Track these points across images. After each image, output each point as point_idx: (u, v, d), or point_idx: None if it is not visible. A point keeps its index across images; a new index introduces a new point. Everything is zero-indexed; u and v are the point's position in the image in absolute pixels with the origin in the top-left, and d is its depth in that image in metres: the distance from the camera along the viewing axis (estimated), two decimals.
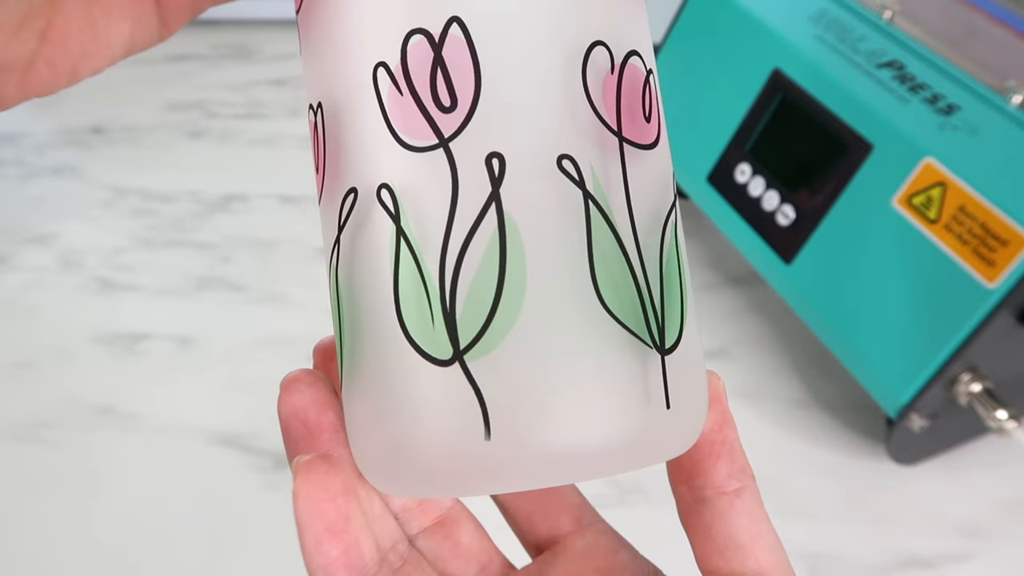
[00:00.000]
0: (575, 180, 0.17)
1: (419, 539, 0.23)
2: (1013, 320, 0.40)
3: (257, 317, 0.56)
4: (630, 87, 0.19)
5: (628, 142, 0.18)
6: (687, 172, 0.55)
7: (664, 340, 0.18)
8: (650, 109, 0.19)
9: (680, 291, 0.19)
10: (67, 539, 0.43)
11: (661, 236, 0.19)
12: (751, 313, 0.56)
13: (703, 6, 0.55)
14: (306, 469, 0.18)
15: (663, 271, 0.18)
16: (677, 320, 0.18)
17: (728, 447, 0.20)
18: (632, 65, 0.19)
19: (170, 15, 0.21)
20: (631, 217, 0.18)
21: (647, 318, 0.18)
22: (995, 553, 0.43)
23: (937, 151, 0.42)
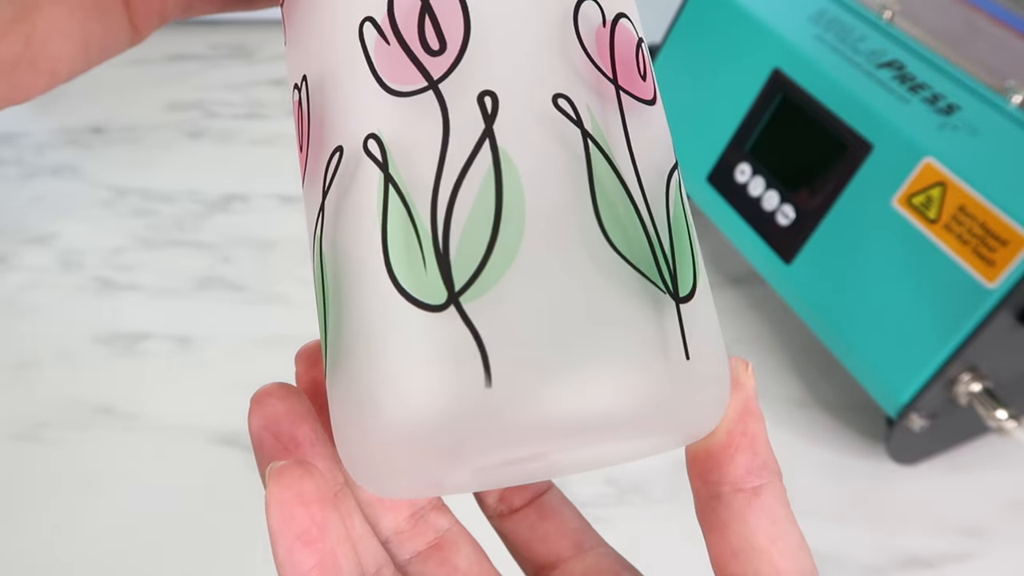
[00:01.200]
0: (572, 119, 0.17)
1: (413, 564, 0.22)
2: (1013, 320, 0.40)
3: (257, 317, 0.56)
4: (623, 42, 0.19)
5: (626, 92, 0.18)
6: (687, 172, 0.55)
7: (678, 288, 0.17)
8: (645, 70, 0.19)
9: (691, 247, 0.18)
10: (67, 539, 0.43)
11: (666, 189, 0.18)
12: (751, 313, 0.56)
13: (703, 6, 0.55)
14: (279, 474, 0.17)
15: (671, 221, 0.17)
16: (690, 272, 0.17)
17: (750, 440, 0.19)
18: (623, 25, 0.19)
19: (140, 21, 0.21)
20: (634, 164, 0.17)
21: (657, 261, 0.17)
22: (995, 553, 0.43)
23: (937, 151, 0.42)
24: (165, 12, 0.21)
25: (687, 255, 0.18)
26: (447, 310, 0.15)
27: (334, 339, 0.17)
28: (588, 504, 0.42)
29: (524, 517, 0.23)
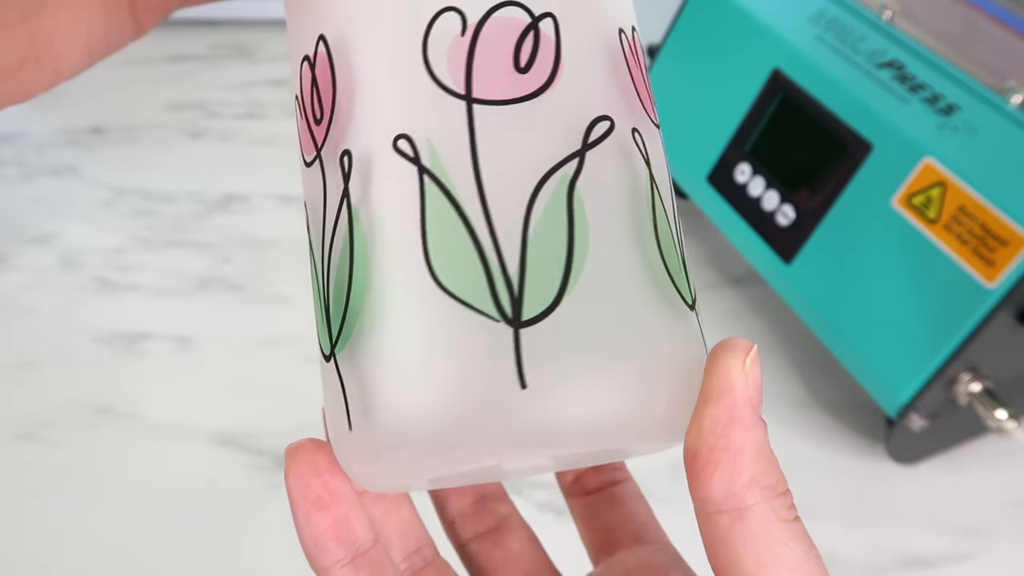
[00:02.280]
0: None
1: (473, 543, 0.24)
2: (1013, 320, 0.40)
3: (257, 317, 0.56)
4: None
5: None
6: (687, 172, 0.55)
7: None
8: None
9: None
10: (67, 539, 0.43)
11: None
12: (751, 313, 0.56)
13: (703, 6, 0.55)
14: (294, 450, 0.19)
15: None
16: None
17: (732, 455, 0.16)
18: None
19: (143, 15, 0.21)
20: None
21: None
22: (995, 553, 0.43)
23: (937, 151, 0.42)
24: (167, 5, 0.22)
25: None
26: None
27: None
28: None
29: (594, 501, 0.25)
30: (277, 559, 0.43)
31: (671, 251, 0.18)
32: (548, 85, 0.17)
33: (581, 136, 0.17)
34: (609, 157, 0.17)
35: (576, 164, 0.17)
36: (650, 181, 0.18)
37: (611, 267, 0.17)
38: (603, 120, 0.17)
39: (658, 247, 0.17)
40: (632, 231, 0.17)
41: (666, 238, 0.18)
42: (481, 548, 0.24)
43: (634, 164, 0.18)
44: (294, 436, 0.20)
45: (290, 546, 0.46)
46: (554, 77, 0.17)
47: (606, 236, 0.17)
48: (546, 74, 0.17)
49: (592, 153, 0.17)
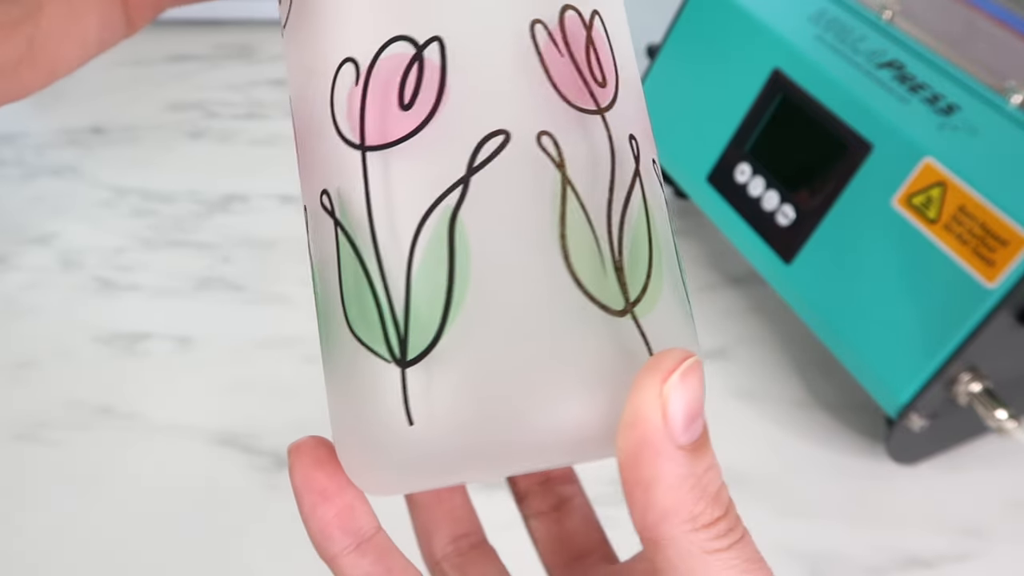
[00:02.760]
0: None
1: (532, 519, 0.26)
2: (1013, 320, 0.40)
3: (257, 317, 0.56)
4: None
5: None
6: (687, 172, 0.55)
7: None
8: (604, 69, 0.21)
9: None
10: (67, 539, 0.43)
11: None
12: (751, 313, 0.56)
13: (703, 6, 0.55)
14: (298, 446, 0.19)
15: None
16: None
17: (643, 489, 0.15)
18: None
19: (135, 13, 0.21)
20: None
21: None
22: (995, 553, 0.43)
23: (937, 151, 0.42)
24: (159, 3, 0.22)
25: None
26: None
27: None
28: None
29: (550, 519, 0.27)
30: (277, 559, 0.43)
31: (587, 256, 0.17)
32: (431, 116, 0.17)
33: (467, 160, 0.17)
34: (504, 173, 0.17)
35: (459, 192, 0.17)
36: (562, 184, 0.17)
37: (496, 294, 0.16)
38: (495, 135, 0.17)
39: (564, 256, 0.17)
40: (528, 247, 0.17)
41: (581, 242, 0.17)
42: (540, 524, 0.25)
43: (539, 172, 0.17)
44: (294, 436, 0.20)
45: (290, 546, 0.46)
46: (438, 105, 0.17)
47: (491, 261, 0.16)
48: (430, 104, 0.17)
49: (480, 176, 0.17)
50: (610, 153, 0.18)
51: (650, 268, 0.18)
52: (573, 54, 0.18)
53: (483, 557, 0.24)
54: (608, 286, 0.17)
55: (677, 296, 0.18)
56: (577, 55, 0.18)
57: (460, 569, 0.24)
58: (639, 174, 0.18)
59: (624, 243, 0.17)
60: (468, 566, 0.24)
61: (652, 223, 0.18)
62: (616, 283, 0.17)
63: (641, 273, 0.17)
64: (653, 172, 0.19)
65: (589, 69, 0.18)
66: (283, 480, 0.46)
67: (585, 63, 0.18)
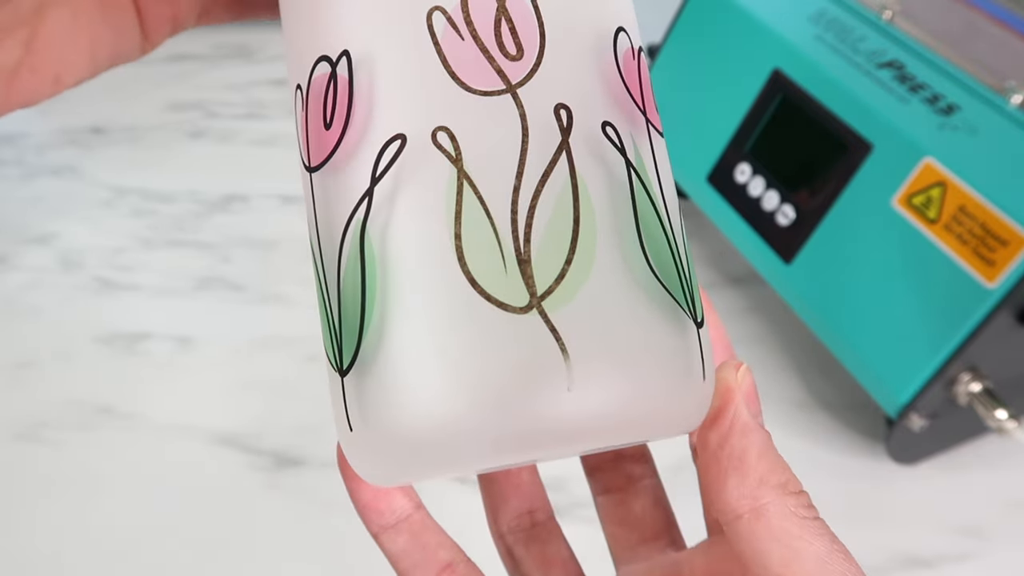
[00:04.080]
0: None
1: (600, 496, 0.25)
2: (1013, 320, 0.40)
3: (257, 317, 0.56)
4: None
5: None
6: (687, 172, 0.55)
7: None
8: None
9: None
10: (67, 539, 0.44)
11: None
12: (751, 313, 0.56)
13: (703, 6, 0.55)
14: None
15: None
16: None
17: (737, 460, 0.17)
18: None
19: (151, 28, 0.21)
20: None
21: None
22: (995, 553, 0.43)
23: (937, 151, 0.42)
24: (178, 19, 0.22)
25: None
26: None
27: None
28: None
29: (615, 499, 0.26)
30: (277, 559, 0.43)
31: (484, 253, 0.17)
32: (344, 132, 0.17)
33: (370, 172, 0.17)
34: (403, 178, 0.17)
35: (365, 205, 0.17)
36: (458, 181, 0.16)
37: (402, 301, 0.17)
38: (393, 141, 0.17)
39: (458, 256, 0.16)
40: (428, 251, 0.16)
41: (478, 240, 0.17)
42: (605, 501, 0.25)
43: (435, 171, 0.17)
44: (294, 436, 0.20)
45: (290, 546, 0.46)
46: (348, 120, 0.17)
47: (397, 270, 0.17)
48: (342, 121, 0.17)
49: (381, 185, 0.17)
50: (521, 133, 0.17)
51: (572, 253, 0.16)
52: (476, 33, 0.17)
53: (548, 534, 0.25)
54: (509, 282, 0.16)
55: (629, 271, 0.17)
56: (482, 33, 0.17)
57: (524, 544, 0.24)
58: (567, 147, 0.17)
59: (533, 232, 0.16)
60: (532, 541, 0.24)
61: (582, 199, 0.17)
62: (519, 277, 0.16)
63: (558, 260, 0.16)
64: (603, 140, 0.18)
65: (498, 44, 0.17)
66: (283, 480, 0.46)
67: (493, 39, 0.17)
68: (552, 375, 0.16)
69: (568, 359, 0.16)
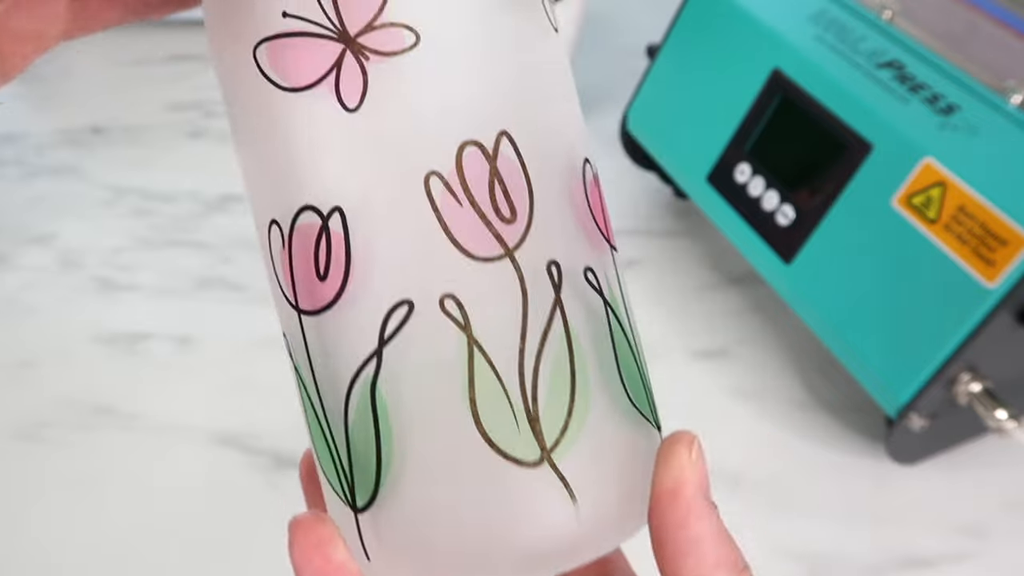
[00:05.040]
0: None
1: None
2: (1013, 320, 0.40)
3: (257, 317, 0.56)
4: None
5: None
6: (687, 172, 0.55)
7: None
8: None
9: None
10: (67, 539, 0.43)
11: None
12: (751, 313, 0.56)
13: (703, 6, 0.55)
14: (298, 523, 0.19)
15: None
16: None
17: (694, 544, 0.18)
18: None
19: (10, 64, 0.19)
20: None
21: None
22: (995, 553, 0.43)
23: (937, 151, 0.42)
24: (42, 47, 0.19)
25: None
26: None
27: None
28: None
29: None
30: (277, 559, 0.43)
31: (499, 415, 0.17)
32: (343, 289, 0.17)
33: (377, 333, 0.17)
34: (412, 342, 0.17)
35: (375, 364, 0.17)
36: (468, 348, 0.17)
37: (419, 455, 0.17)
38: (400, 307, 0.17)
39: (475, 420, 0.17)
40: (442, 413, 0.17)
41: (492, 403, 0.17)
42: None
43: (444, 338, 0.17)
44: (294, 436, 0.20)
45: None
46: (347, 278, 0.17)
47: (412, 428, 0.17)
48: (340, 277, 0.17)
49: (391, 347, 0.17)
50: (521, 296, 0.17)
51: (571, 403, 0.18)
52: (473, 198, 0.17)
53: None
54: (522, 440, 0.17)
55: (615, 407, 0.18)
56: (479, 198, 0.17)
57: None
58: (560, 303, 0.18)
59: (540, 390, 0.17)
60: None
61: (576, 353, 0.18)
62: (531, 434, 0.17)
63: (561, 412, 0.18)
64: (586, 286, 0.18)
65: (494, 208, 0.17)
66: (283, 480, 0.46)
67: (489, 203, 0.17)
68: (562, 518, 0.17)
69: (576, 502, 0.17)
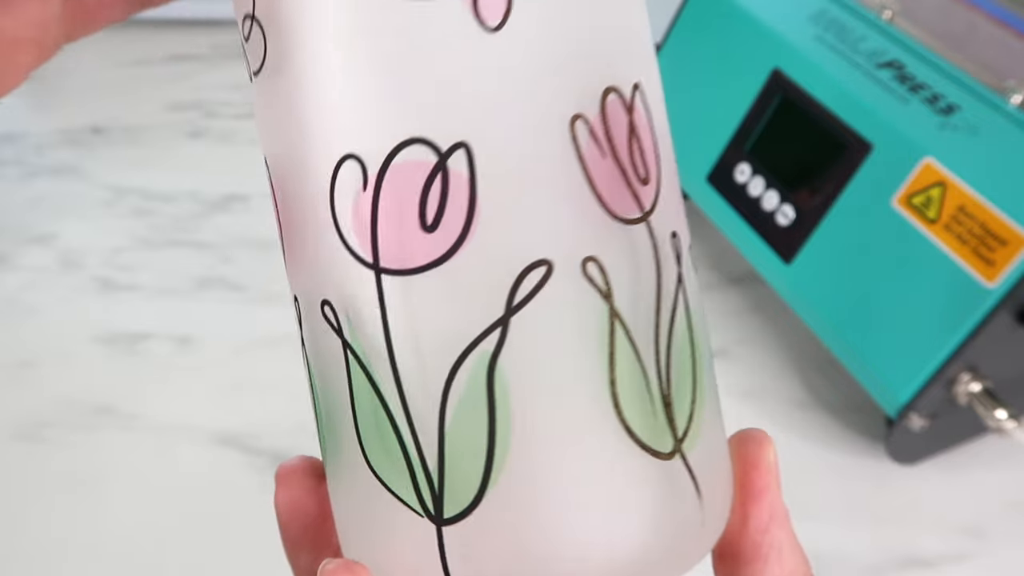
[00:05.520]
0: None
1: None
2: (1013, 320, 0.40)
3: (257, 317, 0.56)
4: None
5: None
6: (687, 172, 0.55)
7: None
8: None
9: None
10: (67, 539, 0.43)
11: None
12: (751, 313, 0.56)
13: (703, 6, 0.55)
14: (287, 473, 0.18)
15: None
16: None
17: (776, 551, 0.17)
18: None
19: (7, 79, 0.19)
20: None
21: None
22: (995, 553, 0.43)
23: (937, 151, 0.42)
24: (43, 56, 0.19)
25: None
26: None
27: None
28: None
29: None
30: (277, 559, 0.43)
31: (637, 399, 0.15)
32: (461, 242, 0.14)
33: (505, 298, 0.14)
34: (546, 311, 0.14)
35: (498, 336, 0.14)
36: (610, 320, 0.15)
37: (541, 449, 0.15)
38: (537, 267, 0.14)
39: (613, 400, 0.15)
40: (576, 397, 0.15)
41: (632, 384, 0.15)
42: None
43: (584, 307, 0.15)
44: (293, 436, 0.20)
45: None
46: (468, 229, 0.14)
47: (536, 414, 0.14)
48: (459, 228, 0.14)
49: (519, 316, 0.14)
50: (655, 266, 0.15)
51: (695, 389, 0.16)
52: (616, 151, 0.15)
53: None
54: (657, 427, 0.15)
55: (714, 397, 0.17)
56: (620, 151, 0.15)
57: None
58: (682, 279, 0.16)
59: (672, 371, 0.15)
60: None
61: (694, 330, 0.16)
62: (665, 421, 0.15)
63: (687, 398, 0.16)
64: (691, 263, 0.17)
65: (632, 166, 0.15)
66: None
67: (628, 159, 0.15)
68: (691, 517, 0.16)
69: (702, 499, 0.16)
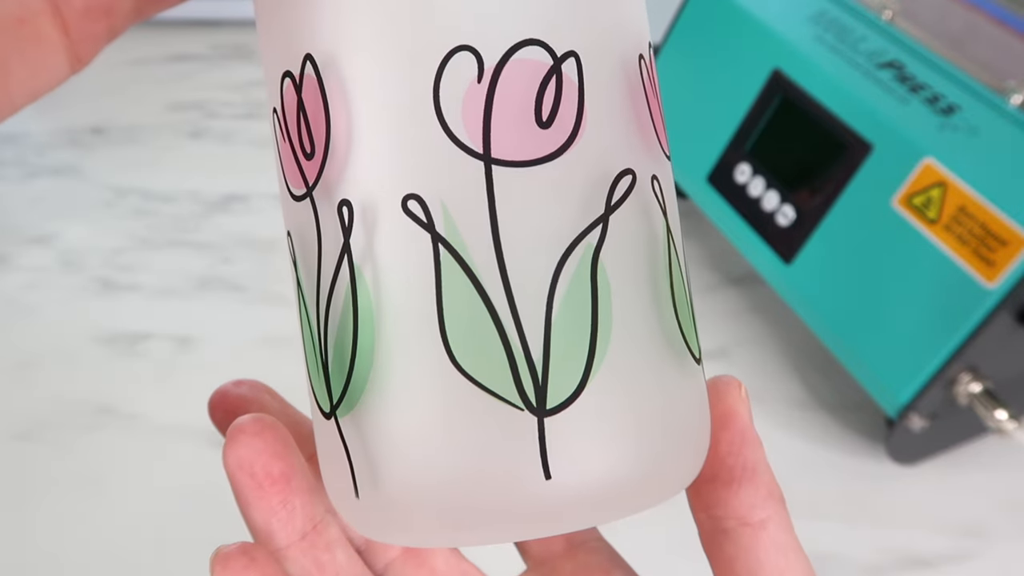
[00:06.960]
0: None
1: (390, 570, 0.22)
2: (1013, 320, 0.40)
3: (257, 317, 0.56)
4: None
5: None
6: (687, 172, 0.55)
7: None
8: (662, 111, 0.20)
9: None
10: (67, 539, 0.43)
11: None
12: (751, 313, 0.56)
13: (703, 6, 0.55)
14: (223, 562, 0.18)
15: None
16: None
17: (751, 471, 0.18)
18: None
19: (83, 47, 0.18)
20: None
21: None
22: (995, 553, 0.43)
23: (937, 151, 0.42)
24: (114, 27, 0.19)
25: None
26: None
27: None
28: None
29: None
30: None
31: (684, 307, 0.17)
32: (572, 140, 0.15)
33: (604, 197, 0.15)
34: (631, 216, 0.16)
35: (600, 231, 0.15)
36: (667, 234, 0.16)
37: (633, 343, 0.16)
38: (625, 175, 0.16)
39: (674, 308, 0.16)
40: (652, 297, 0.16)
41: (680, 294, 0.17)
42: (403, 572, 0.22)
43: (653, 218, 0.16)
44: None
45: None
46: (578, 130, 0.15)
47: (629, 309, 0.16)
48: (569, 127, 0.15)
49: (615, 216, 0.15)
50: (674, 197, 0.18)
51: (693, 317, 0.18)
52: (657, 92, 0.17)
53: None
54: (694, 333, 0.17)
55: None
56: (657, 94, 0.17)
57: None
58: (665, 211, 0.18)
59: (687, 283, 0.17)
60: None
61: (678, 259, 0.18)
62: (694, 330, 0.17)
63: (696, 322, 0.18)
64: (651, 198, 0.18)
65: (660, 112, 0.17)
66: None
67: (657, 107, 0.17)
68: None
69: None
